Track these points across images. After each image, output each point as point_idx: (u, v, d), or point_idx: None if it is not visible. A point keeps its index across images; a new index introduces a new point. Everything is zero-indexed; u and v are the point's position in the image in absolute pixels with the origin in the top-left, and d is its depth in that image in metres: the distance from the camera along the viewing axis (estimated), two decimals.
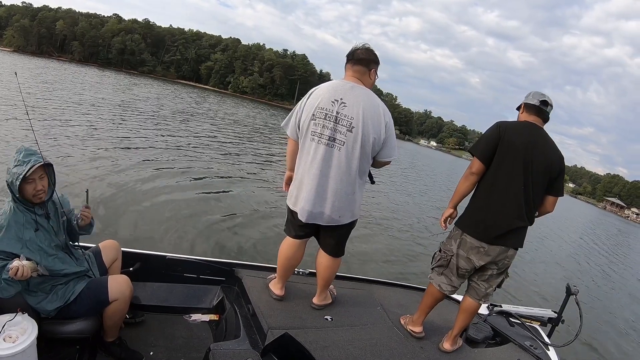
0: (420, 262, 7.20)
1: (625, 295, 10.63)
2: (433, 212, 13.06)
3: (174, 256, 2.75)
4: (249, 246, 5.85)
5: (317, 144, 2.19)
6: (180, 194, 7.50)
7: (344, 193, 2.22)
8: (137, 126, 13.96)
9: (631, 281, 13.30)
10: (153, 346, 2.30)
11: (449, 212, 2.46)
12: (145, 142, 11.42)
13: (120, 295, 2.02)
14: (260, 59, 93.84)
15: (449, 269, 2.48)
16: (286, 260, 2.50)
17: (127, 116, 15.95)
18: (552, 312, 3.22)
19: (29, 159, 1.88)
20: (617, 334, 7.06)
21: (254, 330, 2.25)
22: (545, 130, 2.31)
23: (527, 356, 2.74)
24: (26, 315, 1.74)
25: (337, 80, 2.29)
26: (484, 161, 2.28)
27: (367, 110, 2.14)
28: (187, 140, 13.55)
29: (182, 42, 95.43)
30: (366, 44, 2.30)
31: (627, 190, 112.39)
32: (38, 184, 1.91)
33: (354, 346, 2.25)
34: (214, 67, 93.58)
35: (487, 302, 2.62)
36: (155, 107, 21.73)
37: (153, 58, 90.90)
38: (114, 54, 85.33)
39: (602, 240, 23.23)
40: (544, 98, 2.29)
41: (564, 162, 2.30)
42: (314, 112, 2.19)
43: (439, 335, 2.65)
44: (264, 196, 8.81)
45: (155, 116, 18.07)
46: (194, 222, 6.25)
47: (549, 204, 2.36)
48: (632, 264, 17.39)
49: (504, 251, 2.31)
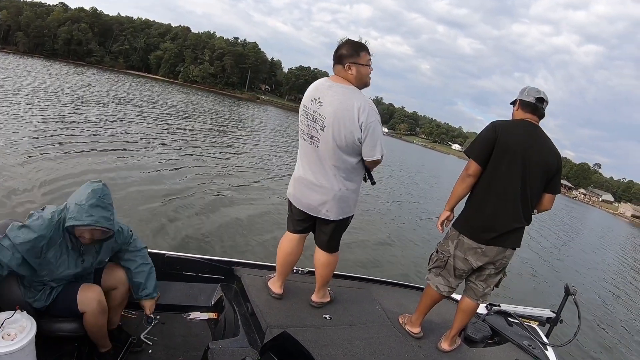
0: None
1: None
2: (385, 196, 13.43)
3: (172, 254, 2.75)
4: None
5: (303, 141, 2.28)
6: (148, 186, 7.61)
7: (326, 189, 2.25)
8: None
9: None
10: (151, 344, 2.28)
11: (446, 215, 2.44)
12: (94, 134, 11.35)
13: (88, 309, 1.88)
14: (211, 47, 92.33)
15: (446, 270, 2.46)
16: (285, 255, 2.52)
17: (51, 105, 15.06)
18: (550, 312, 3.22)
19: (93, 213, 1.77)
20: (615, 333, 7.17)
21: (252, 329, 2.26)
22: (541, 128, 2.29)
23: (526, 356, 2.75)
24: (25, 313, 1.72)
25: (321, 79, 2.31)
26: (480, 163, 2.25)
27: (339, 110, 2.13)
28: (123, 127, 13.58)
29: (130, 31, 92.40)
30: (344, 39, 2.25)
31: (574, 172, 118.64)
32: (86, 234, 1.82)
33: (352, 345, 2.26)
34: (164, 57, 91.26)
35: (486, 302, 2.61)
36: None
37: (101, 48, 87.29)
38: (60, 45, 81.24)
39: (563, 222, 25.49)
40: (540, 95, 2.26)
41: (560, 160, 2.29)
42: (300, 110, 2.27)
43: (437, 334, 2.65)
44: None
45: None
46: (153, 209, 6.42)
47: (547, 201, 2.34)
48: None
49: (502, 251, 2.30)
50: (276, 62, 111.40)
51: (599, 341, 6.58)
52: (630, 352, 6.63)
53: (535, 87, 2.31)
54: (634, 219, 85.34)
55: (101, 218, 1.79)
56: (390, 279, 3.65)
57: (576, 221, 31.06)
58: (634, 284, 13.29)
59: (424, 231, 10.22)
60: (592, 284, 10.78)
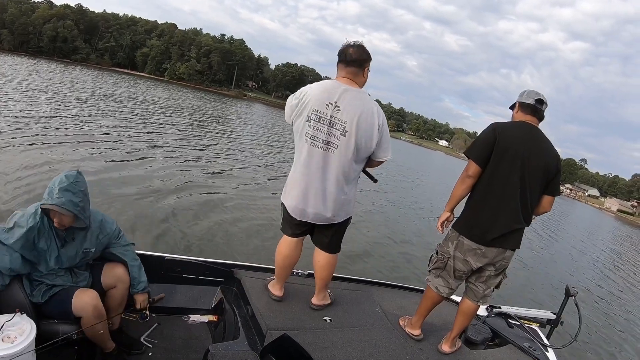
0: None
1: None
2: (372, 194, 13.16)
3: (173, 257, 2.76)
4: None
5: (311, 147, 2.19)
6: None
7: (337, 194, 2.24)
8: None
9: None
10: (151, 347, 2.29)
11: (446, 216, 2.44)
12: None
13: (84, 314, 1.90)
14: (198, 44, 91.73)
15: (445, 271, 2.47)
16: (284, 259, 2.51)
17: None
18: (551, 314, 3.22)
19: (62, 196, 1.81)
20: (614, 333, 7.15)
21: (252, 331, 2.26)
22: (541, 130, 2.30)
23: (526, 358, 2.75)
24: (25, 316, 1.73)
25: (329, 81, 2.26)
26: (480, 163, 2.26)
27: (362, 115, 2.13)
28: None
29: (116, 27, 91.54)
30: (357, 41, 2.24)
31: None
32: (57, 218, 1.87)
33: (352, 347, 2.26)
34: (150, 54, 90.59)
35: (486, 304, 2.60)
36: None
37: (86, 45, 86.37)
38: (45, 42, 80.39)
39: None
40: (539, 97, 2.28)
41: (560, 162, 2.30)
42: (308, 114, 2.18)
43: (437, 336, 2.65)
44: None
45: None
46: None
47: (547, 203, 2.35)
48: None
49: (501, 252, 2.30)
50: (263, 59, 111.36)
51: (599, 341, 6.56)
52: (630, 352, 6.60)
53: (535, 89, 2.35)
54: (620, 213, 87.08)
55: (68, 202, 1.83)
56: (390, 281, 3.66)
57: (563, 217, 31.09)
58: (629, 280, 13.42)
59: (424, 232, 10.26)
60: (589, 283, 10.76)
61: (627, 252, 23.37)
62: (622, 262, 17.83)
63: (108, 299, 2.17)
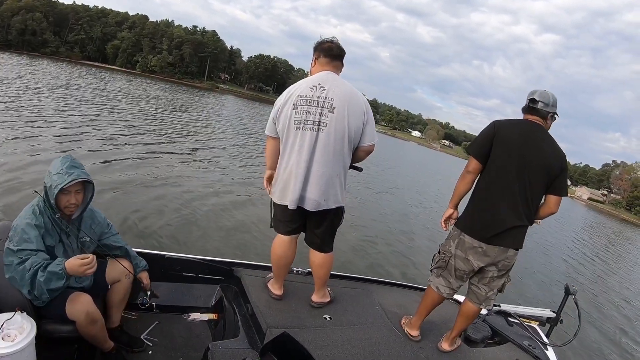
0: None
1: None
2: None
3: (172, 255, 2.76)
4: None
5: (303, 131, 2.20)
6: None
7: (329, 175, 2.23)
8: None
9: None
10: (152, 345, 2.29)
11: (449, 213, 2.44)
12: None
13: (77, 320, 1.89)
14: (169, 36, 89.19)
15: (447, 271, 2.46)
16: (279, 259, 2.50)
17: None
18: (550, 312, 3.22)
19: (73, 171, 1.90)
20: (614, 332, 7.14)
21: (252, 330, 2.26)
22: (543, 128, 2.28)
23: (526, 356, 2.75)
24: (25, 315, 1.73)
25: (321, 72, 2.31)
26: (480, 159, 2.28)
27: (347, 94, 2.21)
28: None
29: (86, 19, 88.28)
30: (334, 38, 2.36)
31: None
32: (72, 197, 1.93)
33: (352, 345, 2.26)
34: (121, 46, 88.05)
35: (489, 307, 2.53)
36: None
37: (56, 38, 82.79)
38: (14, 35, 76.15)
39: None
40: (532, 96, 2.29)
41: (565, 161, 2.26)
42: (294, 102, 2.22)
43: (437, 335, 2.64)
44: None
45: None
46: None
47: (552, 203, 2.31)
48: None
49: (503, 252, 2.28)
50: (235, 51, 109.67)
51: (600, 341, 6.56)
52: (631, 351, 6.59)
53: (539, 89, 2.32)
54: (590, 202, 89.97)
55: (81, 172, 1.93)
56: (390, 279, 3.67)
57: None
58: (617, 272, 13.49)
59: (426, 231, 10.32)
60: (586, 281, 10.72)
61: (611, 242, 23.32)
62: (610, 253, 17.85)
63: (112, 293, 2.21)
